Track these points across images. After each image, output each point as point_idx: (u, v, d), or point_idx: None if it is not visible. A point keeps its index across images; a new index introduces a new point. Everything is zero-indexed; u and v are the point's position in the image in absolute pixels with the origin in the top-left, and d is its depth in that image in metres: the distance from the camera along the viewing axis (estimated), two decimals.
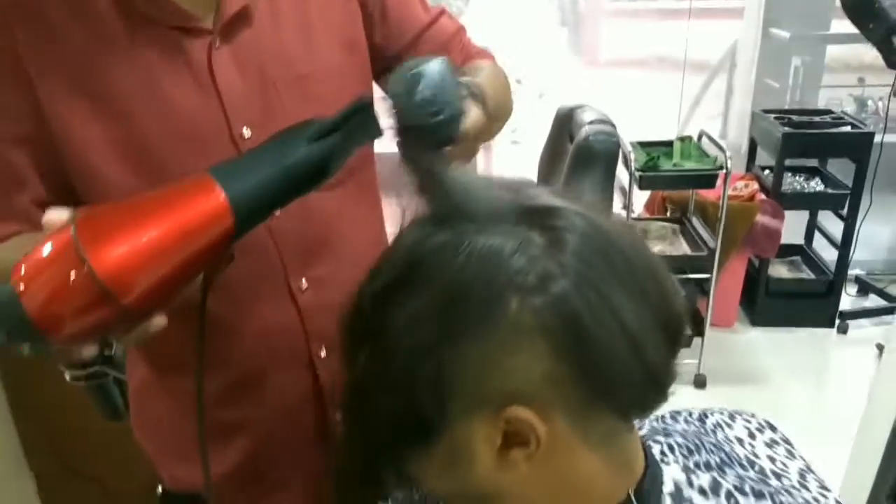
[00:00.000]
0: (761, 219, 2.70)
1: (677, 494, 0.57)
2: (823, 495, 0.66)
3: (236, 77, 0.75)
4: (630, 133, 2.56)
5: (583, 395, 0.49)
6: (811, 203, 2.97)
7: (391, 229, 0.79)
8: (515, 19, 3.89)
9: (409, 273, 0.50)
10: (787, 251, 3.13)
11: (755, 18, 3.41)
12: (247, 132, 0.75)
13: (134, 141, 0.72)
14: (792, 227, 3.05)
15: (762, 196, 2.79)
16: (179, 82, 0.73)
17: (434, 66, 0.57)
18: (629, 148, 2.39)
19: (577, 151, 2.00)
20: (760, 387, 2.65)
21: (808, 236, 3.19)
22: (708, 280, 2.47)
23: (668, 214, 2.82)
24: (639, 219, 2.76)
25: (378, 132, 0.60)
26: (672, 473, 0.58)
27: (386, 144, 0.63)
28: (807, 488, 0.67)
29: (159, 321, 0.57)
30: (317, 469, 0.91)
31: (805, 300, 2.98)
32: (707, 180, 2.34)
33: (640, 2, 4.35)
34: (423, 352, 0.49)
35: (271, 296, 0.81)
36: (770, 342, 2.91)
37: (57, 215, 0.56)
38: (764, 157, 2.98)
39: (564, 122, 2.30)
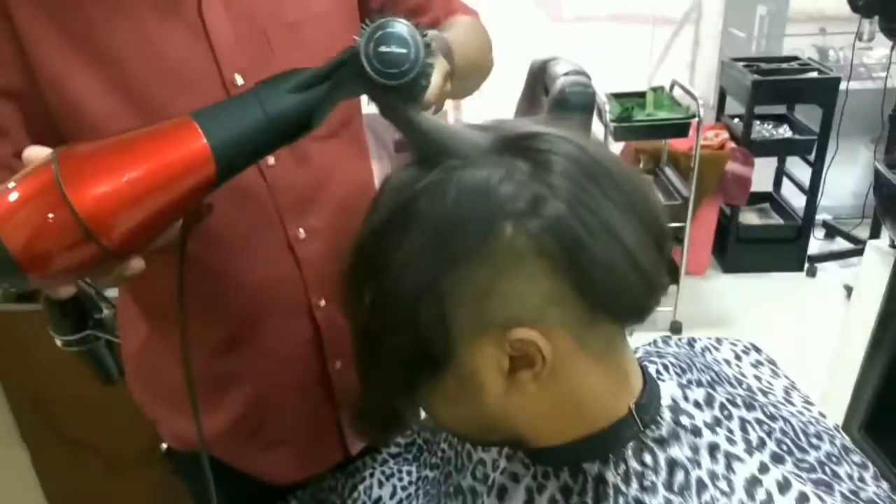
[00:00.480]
0: (732, 167, 2.75)
1: (675, 407, 0.59)
2: (807, 408, 0.70)
3: (227, 24, 0.74)
4: (603, 86, 2.58)
5: (582, 310, 0.51)
6: (780, 150, 3.02)
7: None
8: None
9: (401, 214, 0.52)
10: (757, 198, 3.20)
11: None
12: (239, 79, 0.75)
13: (127, 87, 0.71)
14: (761, 174, 3.12)
15: (732, 145, 2.84)
16: (171, 29, 0.72)
17: (398, 28, 0.56)
18: (604, 99, 2.40)
19: (554, 103, 2.01)
20: (734, 331, 2.72)
21: (777, 183, 3.26)
22: (682, 229, 2.52)
23: (642, 166, 2.85)
24: None
25: (367, 87, 0.58)
26: (669, 389, 0.61)
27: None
28: (791, 403, 0.70)
29: (136, 264, 0.57)
30: (318, 420, 0.93)
31: (774, 246, 3.06)
32: (680, 129, 2.37)
33: None
34: (423, 288, 0.50)
35: (270, 246, 0.82)
36: (742, 288, 2.99)
37: (37, 152, 0.55)
38: (733, 107, 3.03)
39: (538, 75, 2.30)
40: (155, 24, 0.71)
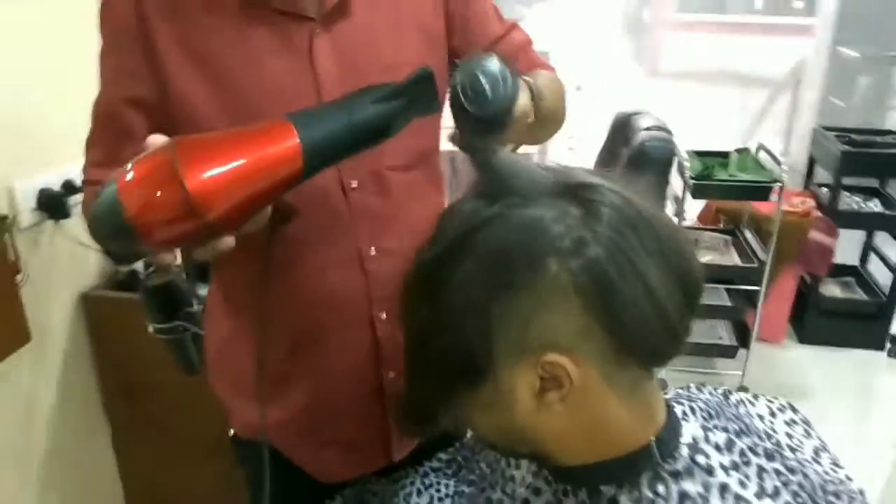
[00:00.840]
0: (814, 235, 2.70)
1: (694, 445, 0.63)
2: (834, 470, 0.72)
3: (332, 62, 0.85)
4: (688, 143, 2.60)
5: (610, 347, 0.56)
6: (867, 223, 2.95)
7: None
8: (577, 26, 3.93)
9: (463, 239, 0.58)
10: (842, 271, 3.11)
11: (824, 37, 3.40)
12: None
13: (237, 107, 0.82)
14: (847, 247, 3.04)
15: (818, 213, 2.79)
16: (281, 61, 0.83)
17: (492, 63, 0.65)
18: (685, 156, 2.43)
19: (632, 156, 2.05)
20: (803, 403, 2.57)
21: (864, 257, 3.16)
22: (756, 292, 2.49)
23: (721, 226, 2.84)
24: (689, 228, 2.78)
25: (437, 106, 0.68)
26: (691, 429, 0.65)
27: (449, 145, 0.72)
28: (819, 462, 0.72)
29: (228, 241, 0.65)
30: (367, 425, 0.99)
31: (856, 321, 2.96)
32: (761, 192, 2.36)
33: (705, 14, 4.34)
34: (473, 306, 0.57)
35: (343, 258, 0.90)
36: (817, 361, 2.91)
37: (158, 138, 0.65)
38: (825, 177, 2.98)
39: (621, 128, 2.36)
40: (268, 54, 0.83)
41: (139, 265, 1.56)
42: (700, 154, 2.59)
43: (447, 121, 0.99)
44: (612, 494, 0.62)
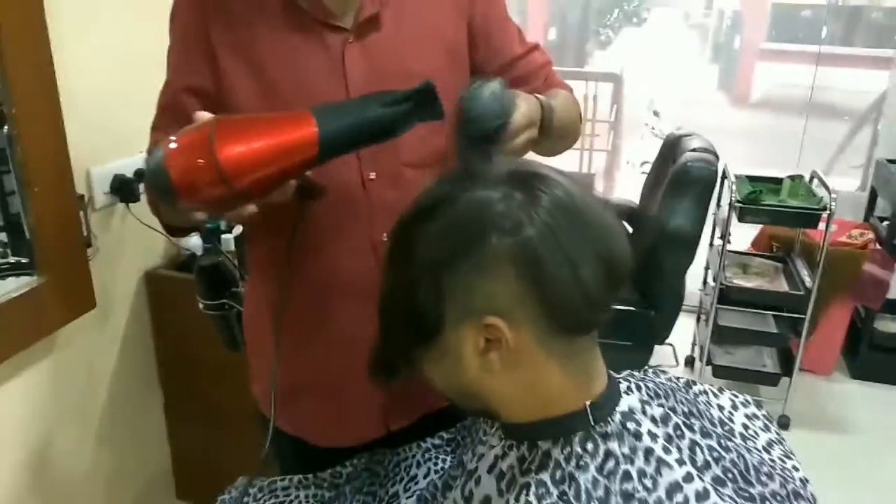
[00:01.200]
0: (869, 268, 2.65)
1: (628, 414, 0.71)
2: (783, 460, 0.77)
3: (362, 68, 0.96)
4: (751, 170, 2.60)
5: (542, 315, 0.65)
6: None
7: None
8: (662, 51, 3.94)
9: (423, 212, 0.68)
10: None
11: None
12: None
13: (275, 99, 0.95)
14: None
15: (876, 246, 2.73)
16: (316, 64, 0.95)
17: (484, 89, 0.76)
18: (733, 179, 2.43)
19: (675, 175, 2.09)
20: (848, 439, 2.59)
21: None
22: (802, 320, 2.46)
23: (773, 252, 2.81)
24: (737, 252, 2.77)
25: (439, 115, 0.79)
26: (629, 401, 0.72)
27: None
28: (769, 452, 0.78)
29: (251, 208, 0.78)
30: (370, 396, 1.06)
31: None
32: (808, 219, 2.34)
33: (794, 45, 4.27)
34: (427, 271, 0.66)
35: (357, 244, 1.01)
36: (867, 397, 2.83)
37: (204, 114, 0.78)
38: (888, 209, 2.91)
39: (670, 148, 2.39)
40: (305, 57, 0.95)
41: (196, 244, 1.70)
42: (752, 179, 2.58)
43: None
44: (547, 448, 0.70)
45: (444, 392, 0.76)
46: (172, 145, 0.74)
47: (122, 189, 1.56)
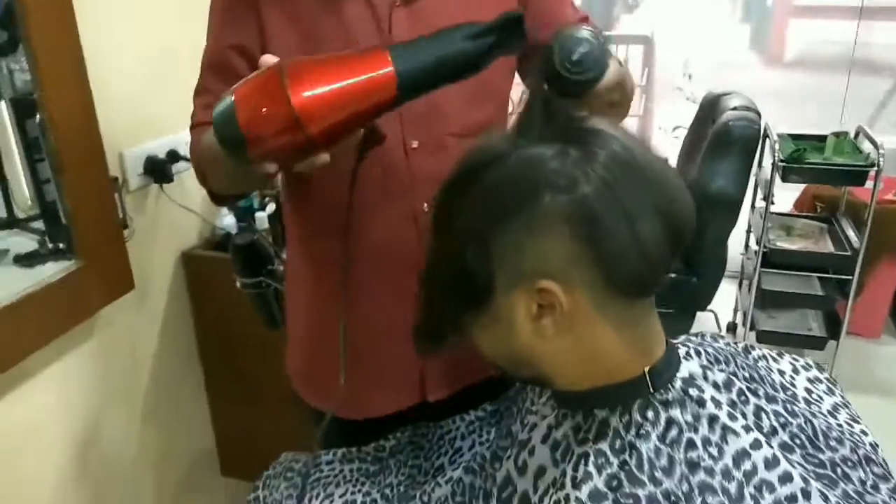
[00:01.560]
0: None
1: (690, 380, 0.67)
2: (850, 424, 0.73)
3: (408, 33, 0.92)
4: (790, 130, 2.51)
5: (599, 278, 0.62)
6: None
7: None
8: (691, 13, 3.83)
9: (474, 170, 0.65)
10: None
11: None
12: None
13: None
14: None
15: None
16: (363, 27, 0.93)
17: (589, 34, 0.70)
18: (775, 138, 2.35)
19: (716, 136, 2.02)
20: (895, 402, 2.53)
21: None
22: (849, 282, 2.39)
23: (818, 213, 2.73)
24: (781, 214, 2.69)
25: (523, 45, 0.73)
26: (690, 367, 0.69)
27: None
28: (835, 416, 0.74)
29: (324, 157, 0.72)
30: (407, 362, 1.06)
31: None
32: (855, 177, 2.25)
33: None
34: (475, 234, 0.63)
35: (399, 213, 0.99)
36: None
37: (271, 58, 0.73)
38: None
39: (709, 108, 2.31)
40: (353, 22, 0.93)
41: (231, 223, 1.70)
42: (795, 137, 2.49)
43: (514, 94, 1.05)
44: (604, 417, 0.67)
45: (493, 360, 0.73)
46: (242, 90, 0.70)
47: (156, 170, 1.55)
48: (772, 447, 0.64)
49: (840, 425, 0.73)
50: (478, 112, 0.99)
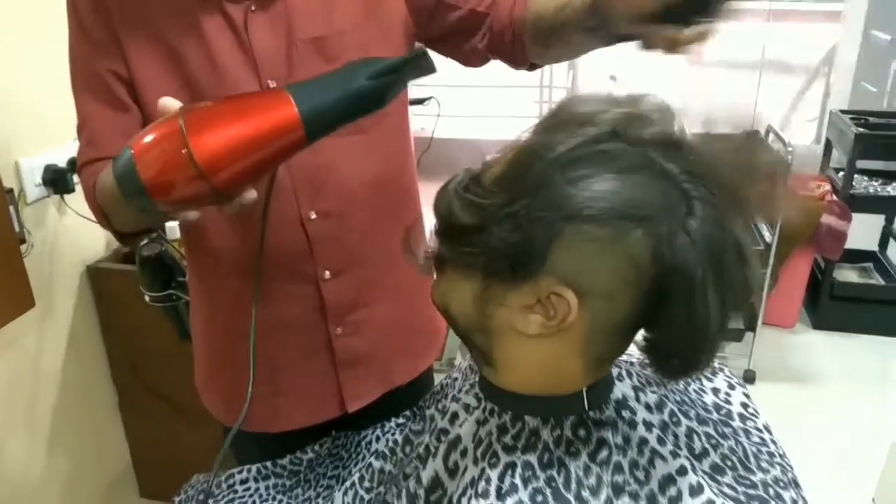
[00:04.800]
0: (827, 219, 2.67)
1: (622, 401, 0.67)
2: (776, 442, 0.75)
3: (267, 37, 0.89)
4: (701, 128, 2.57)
5: (621, 327, 0.60)
6: (883, 207, 2.89)
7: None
8: None
9: (588, 162, 0.57)
10: (859, 257, 3.07)
11: (856, 21, 3.33)
12: (272, 83, 0.89)
13: (186, 84, 0.88)
14: (867, 233, 3.00)
15: (833, 198, 2.75)
16: (222, 39, 0.88)
17: None
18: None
19: None
20: (813, 389, 2.62)
21: (883, 243, 3.11)
22: (763, 275, 2.48)
23: None
24: None
25: (432, 69, 0.71)
26: (623, 388, 0.69)
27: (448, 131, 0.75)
28: (770, 432, 0.75)
29: (250, 195, 0.70)
30: (319, 376, 1.04)
31: (872, 307, 2.91)
32: None
33: (749, 2, 4.26)
34: (554, 219, 0.56)
35: (286, 221, 0.95)
36: (830, 346, 2.87)
37: (170, 103, 0.70)
38: (843, 161, 2.94)
39: None
40: (212, 36, 0.88)
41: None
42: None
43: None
44: (535, 426, 0.66)
45: (451, 311, 0.68)
46: (142, 142, 0.67)
47: (56, 180, 1.48)
48: (697, 474, 0.64)
49: (774, 441, 0.74)
50: (374, 161, 0.98)
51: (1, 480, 1.44)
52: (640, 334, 0.64)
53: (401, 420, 1.01)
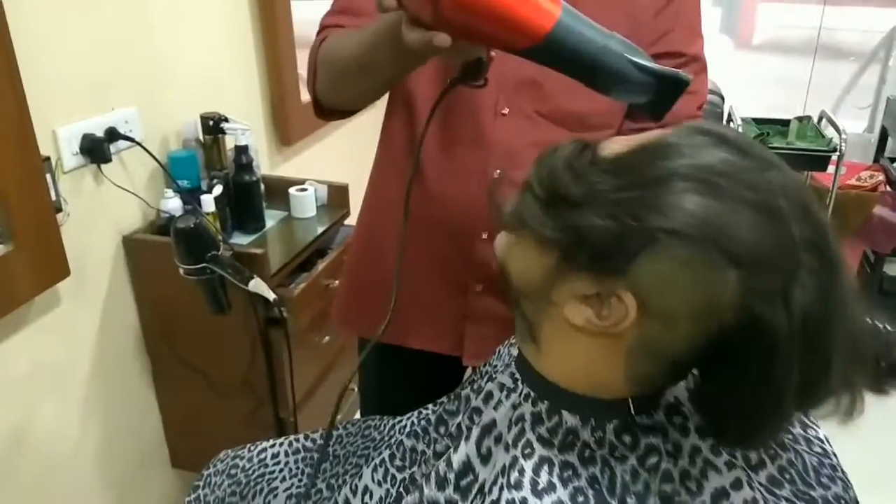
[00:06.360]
0: (880, 211, 2.57)
1: (674, 406, 0.63)
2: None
3: None
4: (758, 114, 2.49)
5: (671, 358, 0.57)
6: None
7: None
8: None
9: (705, 183, 0.52)
10: None
11: None
12: None
13: None
14: None
15: (887, 188, 2.65)
16: None
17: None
18: (739, 122, 2.33)
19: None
20: None
21: None
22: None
23: None
24: None
25: (660, 113, 0.66)
26: (676, 391, 0.65)
27: None
28: (831, 444, 0.71)
29: (442, 39, 0.67)
30: (451, 315, 1.11)
31: None
32: (817, 161, 2.25)
33: None
34: (661, 224, 0.52)
35: (470, 171, 1.02)
36: None
37: None
38: None
39: None
40: None
41: (175, 206, 1.62)
42: (759, 121, 2.48)
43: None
44: (573, 425, 0.62)
45: (510, 272, 0.65)
46: None
47: (94, 150, 1.46)
48: (752, 488, 0.60)
49: (835, 454, 0.70)
50: (576, 102, 0.99)
51: (34, 450, 1.44)
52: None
53: (436, 407, 1.00)
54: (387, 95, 1.12)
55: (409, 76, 1.02)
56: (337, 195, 1.94)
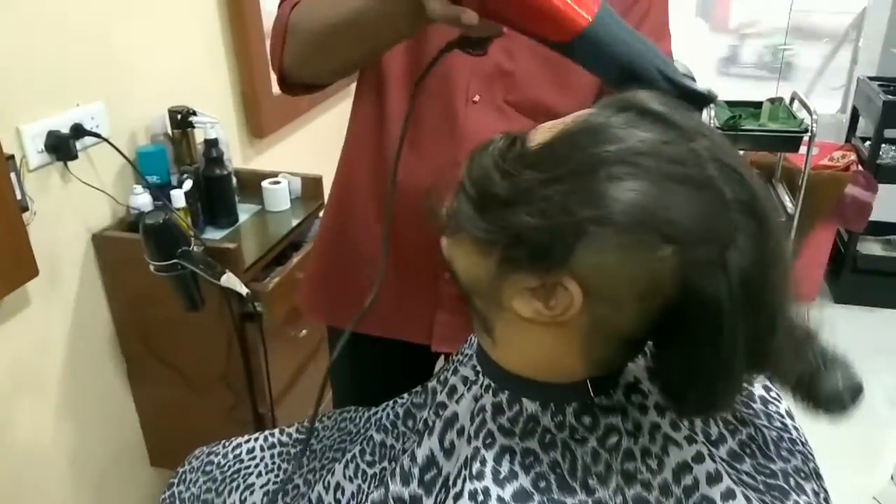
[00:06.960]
0: (851, 190, 2.60)
1: (633, 385, 0.63)
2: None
3: None
4: (734, 97, 2.50)
5: (625, 337, 0.57)
6: None
7: None
8: None
9: (630, 163, 0.52)
10: (883, 229, 2.99)
11: None
12: None
13: None
14: (893, 204, 2.92)
15: (858, 168, 2.68)
16: None
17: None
18: (711, 105, 2.34)
19: None
20: None
21: None
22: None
23: None
24: None
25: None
26: (634, 370, 0.65)
27: None
28: (792, 418, 0.71)
29: (470, 16, 0.67)
30: (422, 305, 1.10)
31: (895, 280, 2.85)
32: (789, 142, 2.27)
33: None
34: (592, 213, 0.52)
35: (441, 162, 1.00)
36: (851, 321, 2.82)
37: None
38: (869, 129, 2.85)
39: None
40: None
41: (145, 202, 1.60)
42: (731, 104, 2.49)
43: None
44: (533, 412, 0.62)
45: (458, 274, 0.64)
46: None
47: (59, 147, 1.44)
48: (715, 461, 0.60)
49: (796, 427, 0.70)
50: (545, 94, 0.98)
51: (10, 450, 1.43)
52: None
53: (405, 400, 1.00)
54: (356, 76, 1.10)
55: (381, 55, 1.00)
56: (311, 187, 1.92)
